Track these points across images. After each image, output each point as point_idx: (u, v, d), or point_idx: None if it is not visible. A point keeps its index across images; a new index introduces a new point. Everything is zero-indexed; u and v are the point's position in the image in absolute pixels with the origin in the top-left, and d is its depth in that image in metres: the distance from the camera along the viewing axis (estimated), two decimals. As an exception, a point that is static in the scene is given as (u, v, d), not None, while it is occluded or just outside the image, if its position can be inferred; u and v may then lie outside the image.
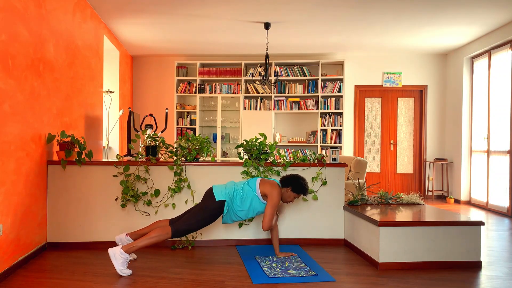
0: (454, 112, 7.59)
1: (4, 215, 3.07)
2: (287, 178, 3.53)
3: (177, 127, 7.97)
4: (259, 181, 3.48)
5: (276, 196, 3.38)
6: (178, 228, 3.28)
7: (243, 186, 3.47)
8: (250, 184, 3.48)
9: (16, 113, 3.22)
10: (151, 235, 3.21)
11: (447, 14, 5.52)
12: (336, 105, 7.78)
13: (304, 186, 3.50)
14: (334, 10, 5.38)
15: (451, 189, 7.62)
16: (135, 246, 3.16)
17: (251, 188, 3.44)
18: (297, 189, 3.49)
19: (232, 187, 3.47)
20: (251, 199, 3.42)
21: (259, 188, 3.43)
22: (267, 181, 3.47)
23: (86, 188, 3.94)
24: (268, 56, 6.34)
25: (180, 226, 3.29)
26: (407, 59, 7.94)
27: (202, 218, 3.35)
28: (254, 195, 3.42)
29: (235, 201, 3.41)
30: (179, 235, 3.32)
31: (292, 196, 3.51)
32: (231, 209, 3.41)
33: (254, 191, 3.43)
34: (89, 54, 5.20)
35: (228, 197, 3.40)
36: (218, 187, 3.48)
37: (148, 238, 3.19)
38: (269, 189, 3.39)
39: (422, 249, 3.40)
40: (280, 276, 3.12)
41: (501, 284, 3.07)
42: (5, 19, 3.04)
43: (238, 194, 3.43)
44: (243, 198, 3.42)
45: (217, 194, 3.40)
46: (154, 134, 4.06)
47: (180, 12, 5.51)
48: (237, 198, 3.42)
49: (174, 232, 3.26)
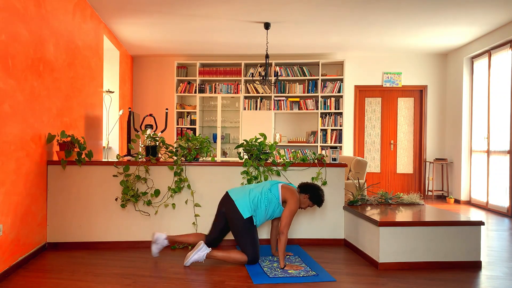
0: (454, 112, 7.59)
1: (4, 215, 3.07)
2: (308, 185, 3.51)
3: (177, 127, 7.97)
4: (280, 187, 3.46)
5: (295, 203, 3.37)
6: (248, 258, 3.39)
7: (267, 195, 3.42)
8: (272, 191, 3.43)
9: (16, 113, 3.22)
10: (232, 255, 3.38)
11: (447, 14, 5.52)
12: (336, 105, 7.78)
13: (322, 199, 3.48)
14: (334, 10, 5.38)
15: (451, 189, 7.62)
16: (215, 256, 3.36)
17: (274, 196, 3.42)
18: (315, 199, 3.47)
19: (256, 198, 3.41)
20: (274, 206, 3.43)
21: (281, 194, 3.43)
22: (288, 188, 3.45)
23: (86, 188, 3.94)
24: (268, 56, 6.34)
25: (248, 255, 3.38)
26: (407, 59, 7.94)
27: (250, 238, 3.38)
28: (277, 203, 3.42)
29: (260, 211, 3.41)
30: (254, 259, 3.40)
31: (307, 204, 3.48)
32: (257, 218, 3.42)
33: (277, 199, 3.42)
34: (89, 54, 5.20)
35: (254, 210, 3.39)
36: (241, 201, 3.41)
37: (228, 256, 3.38)
38: (290, 196, 3.39)
39: (422, 249, 3.40)
40: (280, 276, 3.12)
41: (501, 284, 3.07)
42: (5, 19, 3.04)
43: (262, 203, 3.40)
44: (268, 207, 3.41)
45: (243, 211, 3.37)
46: (154, 134, 4.06)
47: (180, 12, 5.51)
48: (262, 207, 3.40)
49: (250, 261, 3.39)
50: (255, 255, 3.37)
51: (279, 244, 3.30)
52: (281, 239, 3.29)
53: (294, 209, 3.36)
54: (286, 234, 3.29)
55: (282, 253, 3.31)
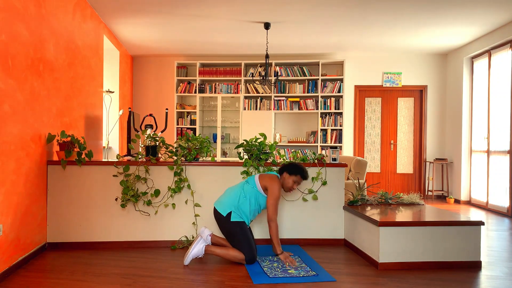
0: (454, 112, 7.59)
1: (4, 215, 3.07)
2: (282, 166, 3.59)
3: (177, 127, 7.97)
4: (257, 177, 3.50)
5: (275, 187, 3.39)
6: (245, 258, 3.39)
7: (243, 188, 3.49)
8: (249, 182, 3.49)
9: (16, 113, 3.22)
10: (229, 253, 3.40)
11: (447, 14, 5.52)
12: (336, 105, 7.78)
13: (299, 167, 3.50)
14: (334, 10, 5.38)
15: (451, 189, 7.62)
16: (214, 252, 3.41)
17: (251, 186, 3.46)
18: (292, 170, 3.49)
19: (234, 194, 3.47)
20: (255, 196, 3.45)
21: (259, 183, 3.45)
22: (266, 175, 3.50)
23: (86, 188, 3.94)
24: (268, 56, 6.34)
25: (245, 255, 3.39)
26: (407, 59, 7.94)
27: (242, 239, 3.38)
28: (256, 192, 3.44)
29: (243, 206, 3.42)
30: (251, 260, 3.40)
31: (291, 181, 3.49)
32: (243, 214, 3.43)
33: (255, 187, 3.45)
34: (89, 54, 5.20)
35: (233, 206, 3.41)
36: (220, 204, 3.49)
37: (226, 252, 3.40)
38: (269, 182, 3.42)
39: (422, 249, 3.40)
40: (280, 276, 3.12)
41: (501, 284, 3.07)
42: (5, 19, 3.04)
43: (241, 197, 3.44)
44: (248, 199, 3.43)
45: (222, 211, 3.42)
46: (154, 134, 4.06)
47: (180, 12, 5.51)
48: (242, 201, 3.43)
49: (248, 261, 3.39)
50: (252, 254, 3.38)
51: (271, 232, 3.35)
52: (271, 226, 3.35)
53: (276, 194, 3.38)
54: (275, 220, 3.34)
55: (275, 240, 3.35)
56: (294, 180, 3.51)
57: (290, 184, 3.50)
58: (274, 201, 3.37)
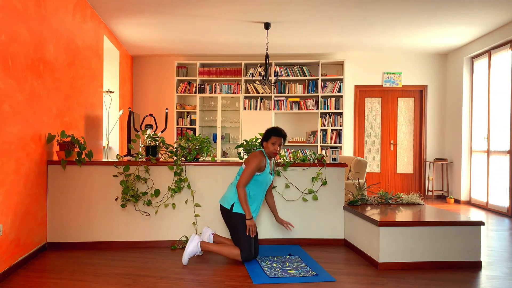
0: (454, 112, 7.58)
1: (4, 215, 3.07)
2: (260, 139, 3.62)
3: (177, 127, 7.97)
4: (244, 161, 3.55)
5: (251, 160, 3.41)
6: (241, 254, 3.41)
7: (236, 177, 3.53)
8: (239, 171, 3.53)
9: (16, 113, 3.22)
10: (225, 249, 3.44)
11: (447, 14, 5.52)
12: (336, 105, 7.78)
13: (268, 130, 3.52)
14: (334, 10, 5.38)
15: (451, 189, 7.62)
16: (209, 248, 3.44)
17: (239, 173, 3.50)
18: (265, 137, 3.52)
19: (232, 186, 3.52)
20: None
21: (244, 165, 3.47)
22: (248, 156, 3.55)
23: (86, 188, 3.94)
24: (268, 56, 6.34)
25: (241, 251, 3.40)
26: (407, 59, 7.94)
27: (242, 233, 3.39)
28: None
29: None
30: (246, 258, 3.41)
31: (270, 145, 3.49)
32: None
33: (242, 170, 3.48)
34: (89, 54, 5.20)
35: (235, 197, 3.43)
36: (223, 199, 3.54)
37: (221, 248, 3.44)
38: (248, 158, 3.48)
39: (422, 249, 3.40)
40: (280, 276, 3.12)
41: (501, 284, 3.07)
42: (5, 19, 3.04)
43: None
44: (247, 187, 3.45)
45: (225, 204, 3.46)
46: (154, 134, 4.06)
47: (180, 12, 5.51)
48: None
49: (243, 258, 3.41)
50: (248, 251, 3.38)
51: (239, 198, 3.37)
52: (238, 192, 3.37)
53: (250, 166, 3.39)
54: (239, 189, 3.36)
55: (243, 205, 3.37)
56: (272, 143, 3.49)
57: (271, 149, 3.49)
58: (245, 173, 3.39)
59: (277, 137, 3.49)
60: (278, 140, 3.49)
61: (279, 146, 3.50)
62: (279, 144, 3.50)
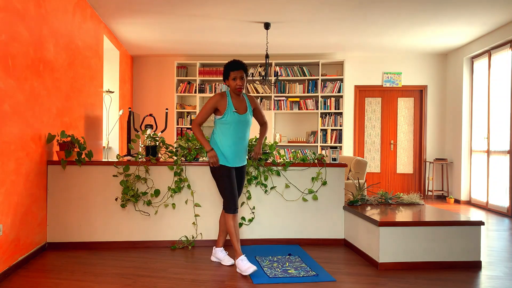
0: (454, 112, 7.59)
1: (4, 215, 3.07)
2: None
3: (177, 127, 7.97)
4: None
5: (209, 101, 3.34)
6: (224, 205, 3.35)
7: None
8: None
9: (16, 113, 3.22)
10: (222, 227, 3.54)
11: (447, 14, 5.52)
12: (336, 105, 7.78)
13: (227, 63, 3.36)
14: (334, 10, 5.38)
15: (451, 189, 7.62)
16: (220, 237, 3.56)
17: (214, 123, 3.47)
18: (225, 73, 3.38)
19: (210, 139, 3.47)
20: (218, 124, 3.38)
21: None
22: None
23: (86, 188, 3.94)
24: (268, 56, 6.34)
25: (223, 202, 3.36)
26: (407, 59, 7.94)
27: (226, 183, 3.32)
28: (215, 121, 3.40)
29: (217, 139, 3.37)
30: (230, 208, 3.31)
31: (232, 81, 3.34)
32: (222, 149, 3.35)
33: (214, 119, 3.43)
34: (89, 54, 5.20)
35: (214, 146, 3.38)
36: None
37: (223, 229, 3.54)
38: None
39: (422, 249, 3.40)
40: (280, 276, 3.12)
41: (501, 284, 3.07)
42: (5, 19, 3.04)
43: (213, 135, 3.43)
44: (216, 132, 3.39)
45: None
46: (154, 134, 4.06)
47: (180, 12, 5.51)
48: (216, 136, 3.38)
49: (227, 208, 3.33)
50: (232, 201, 3.30)
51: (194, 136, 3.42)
52: (192, 129, 3.37)
53: (204, 106, 3.35)
54: (192, 128, 3.38)
55: (199, 140, 3.36)
56: (232, 78, 3.34)
57: (233, 85, 3.35)
58: (201, 111, 3.36)
59: (236, 71, 3.33)
60: (238, 73, 3.31)
61: (240, 79, 3.32)
62: (241, 77, 3.31)
